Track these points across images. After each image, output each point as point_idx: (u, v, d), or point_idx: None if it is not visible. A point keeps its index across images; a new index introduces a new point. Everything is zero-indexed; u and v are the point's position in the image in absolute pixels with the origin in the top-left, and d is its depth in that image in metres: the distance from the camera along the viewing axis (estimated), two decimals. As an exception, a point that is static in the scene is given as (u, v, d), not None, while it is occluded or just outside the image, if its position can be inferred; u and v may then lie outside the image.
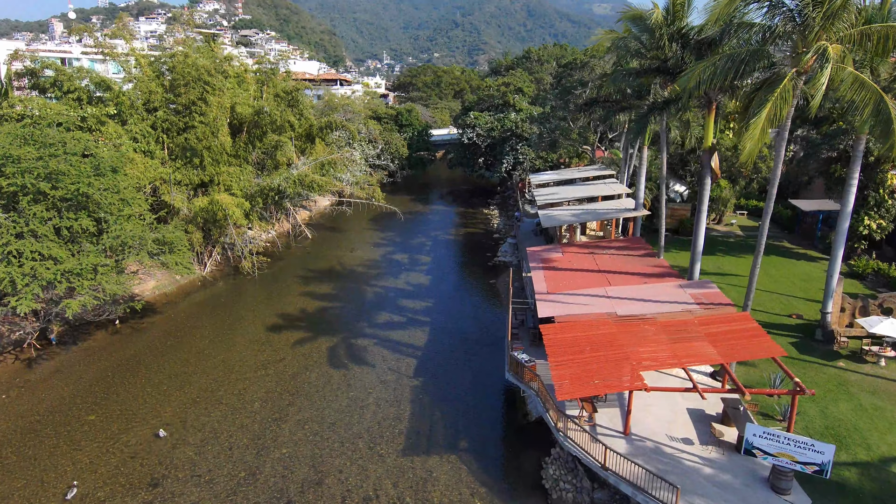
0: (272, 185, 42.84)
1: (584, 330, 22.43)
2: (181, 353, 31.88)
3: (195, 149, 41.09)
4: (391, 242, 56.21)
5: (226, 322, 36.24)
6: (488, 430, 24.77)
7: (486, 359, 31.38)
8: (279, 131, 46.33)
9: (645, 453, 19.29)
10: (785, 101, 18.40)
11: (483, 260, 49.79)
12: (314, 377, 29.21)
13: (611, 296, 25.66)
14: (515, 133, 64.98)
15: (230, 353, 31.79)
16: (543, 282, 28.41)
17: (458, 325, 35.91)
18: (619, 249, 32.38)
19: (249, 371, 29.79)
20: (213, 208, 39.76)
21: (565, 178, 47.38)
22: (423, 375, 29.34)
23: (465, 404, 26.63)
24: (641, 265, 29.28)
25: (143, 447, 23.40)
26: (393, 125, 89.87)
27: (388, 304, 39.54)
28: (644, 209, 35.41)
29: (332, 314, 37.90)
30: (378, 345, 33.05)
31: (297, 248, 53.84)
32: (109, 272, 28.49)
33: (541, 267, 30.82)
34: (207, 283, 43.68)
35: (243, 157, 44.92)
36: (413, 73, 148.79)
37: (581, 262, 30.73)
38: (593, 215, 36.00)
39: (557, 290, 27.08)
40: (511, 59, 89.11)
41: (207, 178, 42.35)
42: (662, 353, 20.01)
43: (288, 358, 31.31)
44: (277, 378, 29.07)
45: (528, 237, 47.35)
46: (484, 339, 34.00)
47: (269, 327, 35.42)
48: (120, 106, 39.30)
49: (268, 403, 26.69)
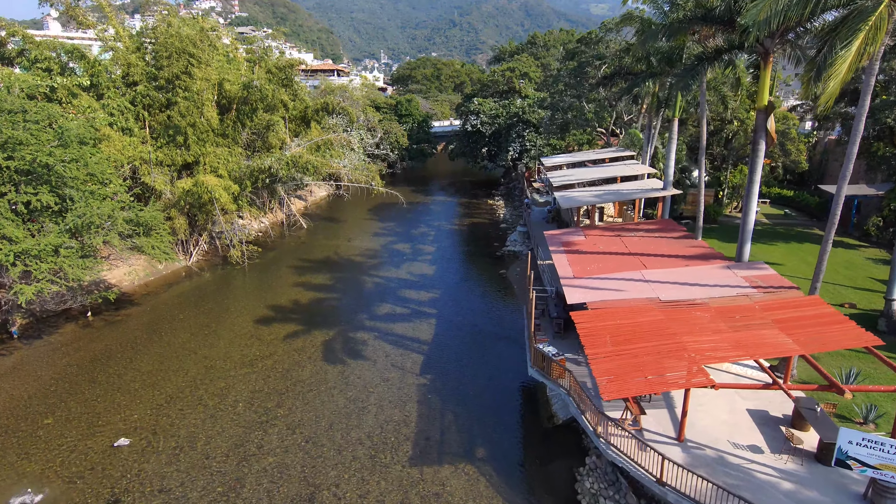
0: (263, 166, 39.35)
1: (624, 317, 19.02)
2: (158, 347, 28.38)
3: (178, 126, 37.59)
4: (391, 232, 52.75)
5: (211, 314, 32.74)
6: (509, 435, 21.34)
7: (502, 354, 27.97)
8: (271, 110, 42.85)
9: (707, 464, 15.87)
10: (878, 32, 15.02)
11: (491, 250, 46.38)
12: (307, 374, 25.74)
13: (649, 279, 22.26)
14: (522, 119, 61.51)
15: (213, 349, 28.31)
16: (568, 266, 24.99)
17: (468, 317, 32.48)
18: (648, 232, 28.99)
19: (234, 368, 26.31)
20: (198, 191, 36.27)
21: (580, 160, 43.98)
22: (431, 372, 25.91)
23: (481, 405, 23.20)
24: (679, 247, 25.89)
25: (105, 456, 19.89)
26: (392, 115, 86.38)
27: (390, 295, 36.09)
28: (673, 188, 32.01)
29: (328, 306, 34.44)
30: (379, 338, 29.61)
31: (290, 237, 50.37)
32: (73, 255, 24.96)
33: (562, 251, 27.40)
34: (193, 273, 40.18)
35: (232, 136, 41.42)
36: (412, 65, 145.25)
37: (608, 245, 27.33)
38: (616, 195, 32.59)
39: (585, 275, 23.69)
40: (515, 46, 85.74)
41: (192, 159, 38.84)
42: (724, 343, 16.59)
43: (278, 353, 27.84)
44: (266, 376, 25.60)
45: (540, 226, 43.93)
46: (498, 332, 30.59)
47: (259, 320, 31.94)
48: (95, 78, 35.77)
49: (253, 404, 23.21)
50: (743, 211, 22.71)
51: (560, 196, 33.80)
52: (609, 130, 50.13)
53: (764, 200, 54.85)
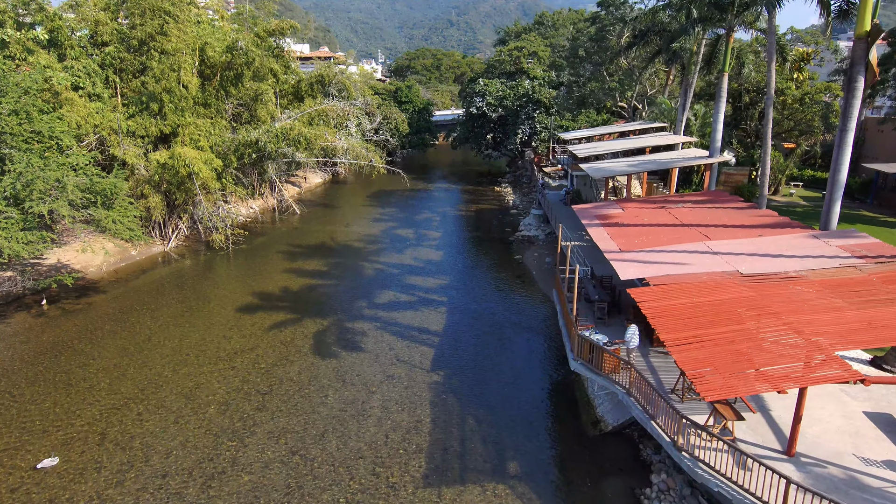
0: (249, 139, 34.96)
1: (701, 294, 14.74)
2: (120, 340, 23.99)
3: (153, 92, 33.20)
4: (392, 218, 48.40)
5: (186, 303, 28.36)
6: (546, 445, 17.05)
7: (526, 346, 23.68)
8: (259, 79, 38.46)
9: (836, 487, 11.61)
10: None
11: (503, 235, 42.08)
12: (296, 371, 21.40)
13: (717, 251, 17.99)
14: (532, 99, 57.22)
15: (186, 341, 23.93)
16: (610, 240, 20.70)
17: (483, 305, 28.18)
18: (698, 203, 24.72)
19: (209, 363, 21.95)
20: (175, 164, 31.89)
21: (604, 133, 39.71)
22: (444, 368, 21.60)
23: (508, 407, 18.89)
24: (744, 216, 21.63)
25: (34, 475, 15.52)
26: (392, 101, 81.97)
27: (393, 282, 31.76)
28: (723, 155, 27.76)
29: (322, 293, 30.09)
30: (381, 329, 25.29)
31: (282, 223, 46.00)
32: (13, 227, 20.57)
33: (598, 224, 23.12)
34: (171, 259, 35.78)
35: (215, 107, 37.00)
36: (411, 56, 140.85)
37: (654, 217, 23.06)
38: (656, 164, 28.32)
39: (633, 248, 19.41)
40: (522, 27, 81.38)
41: (169, 130, 34.42)
42: (855, 324, 12.33)
43: (262, 346, 23.49)
44: (246, 372, 21.25)
45: (559, 208, 39.67)
46: (518, 321, 26.29)
47: (242, 309, 27.59)
48: (56, 34, 31.34)
49: (228, 408, 18.86)
50: (832, 169, 18.45)
51: (589, 167, 29.51)
52: (631, 106, 45.93)
53: (797, 183, 50.74)
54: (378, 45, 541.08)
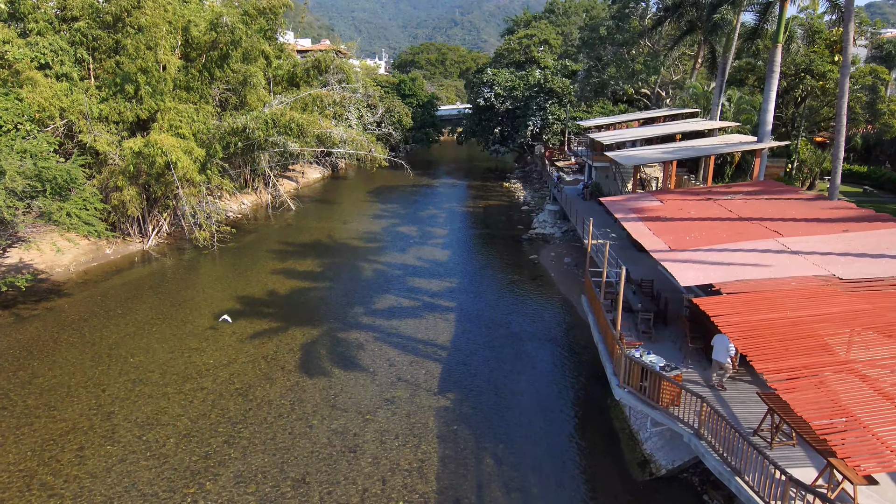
0: (236, 126, 31.51)
1: (798, 305, 11.24)
2: (75, 353, 20.57)
3: (127, 72, 29.81)
4: (395, 214, 44.93)
5: (160, 308, 24.94)
6: (582, 495, 13.53)
7: (550, 362, 20.16)
8: (248, 61, 35.01)
9: None
10: None
11: (515, 232, 38.57)
12: (277, 393, 17.93)
13: (796, 249, 14.45)
14: (544, 88, 53.61)
15: (152, 354, 20.50)
16: (654, 237, 17.18)
17: (497, 313, 24.68)
18: (751, 194, 21.16)
19: (174, 382, 18.51)
20: (151, 153, 28.47)
21: (627, 120, 36.16)
22: (454, 389, 18.10)
23: (533, 443, 15.38)
24: (814, 209, 18.07)
25: (-71, 535, 12.12)
26: (395, 94, 78.48)
27: (394, 285, 28.29)
28: (773, 140, 24.17)
29: (314, 297, 26.63)
30: (380, 341, 21.81)
31: (275, 220, 42.60)
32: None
33: (636, 218, 19.61)
34: (150, 258, 32.40)
35: (199, 91, 33.56)
36: (415, 50, 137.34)
37: (702, 210, 19.51)
38: (695, 151, 24.74)
39: (685, 246, 15.88)
40: (531, 16, 77.77)
41: (146, 115, 31.02)
42: None
43: (240, 361, 20.03)
44: (217, 394, 17.79)
45: (577, 204, 36.10)
46: (539, 332, 22.76)
47: (220, 315, 24.13)
48: (18, 5, 27.99)
49: (191, 441, 15.40)
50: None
51: (617, 155, 25.95)
52: (655, 94, 42.31)
53: (830, 178, 47.04)
54: (382, 45, 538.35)
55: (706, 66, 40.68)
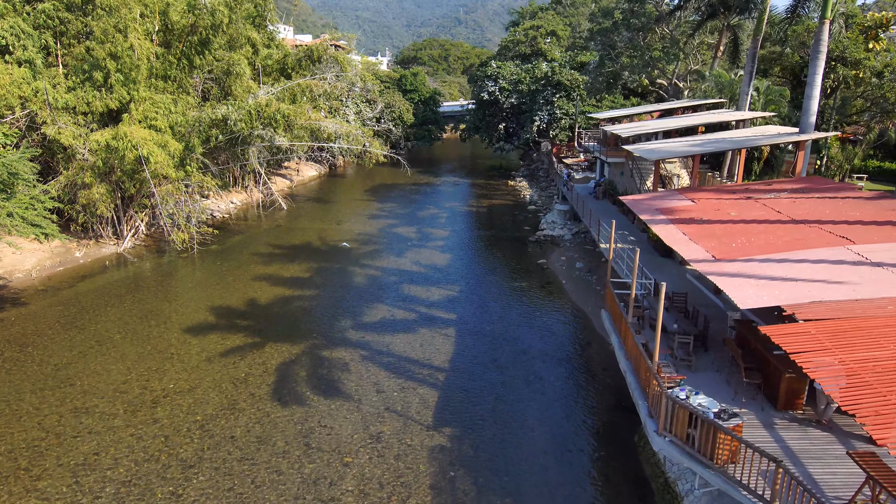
0: (215, 117, 28.77)
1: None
2: (16, 376, 17.85)
3: (96, 58, 27.13)
4: (393, 214, 42.15)
5: (122, 321, 22.22)
6: (614, 569, 10.70)
7: (564, 388, 17.34)
8: (233, 48, 32.27)
9: None
10: None
11: (521, 234, 35.74)
12: (243, 426, 15.16)
13: (878, 260, 11.59)
14: (551, 81, 50.70)
15: (105, 377, 17.78)
16: (692, 243, 14.33)
17: (502, 327, 21.86)
18: (798, 192, 18.25)
19: (125, 413, 15.77)
20: (120, 146, 25.78)
21: (644, 112, 33.26)
22: (452, 423, 15.30)
23: (549, 496, 12.56)
24: (881, 210, 15.18)
25: None
26: (395, 90, 75.60)
27: (387, 293, 25.51)
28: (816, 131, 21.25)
29: (297, 308, 23.85)
30: (368, 360, 19.03)
31: (265, 220, 39.89)
32: None
33: (666, 221, 16.76)
34: (124, 262, 29.72)
35: (177, 79, 30.83)
36: (418, 47, 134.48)
37: (743, 211, 16.64)
38: (729, 143, 21.85)
39: (733, 255, 13.02)
40: (537, 7, 74.71)
41: (117, 105, 28.31)
42: None
43: (204, 385, 17.28)
44: (173, 428, 15.05)
45: (590, 203, 33.20)
46: (552, 349, 19.94)
47: (191, 329, 21.42)
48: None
49: (133, 490, 12.66)
50: None
51: (639, 149, 23.10)
52: (672, 85, 39.35)
53: (861, 175, 44.03)
54: (386, 44, 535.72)
55: (727, 54, 37.77)
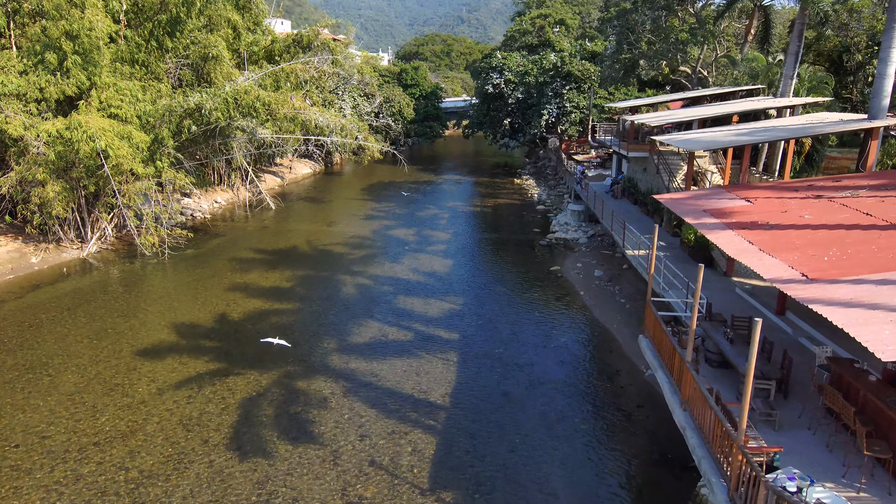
0: (188, 105, 25.49)
1: None
2: (-80, 413, 14.60)
3: (50, 37, 23.88)
4: (389, 215, 38.85)
5: (66, 342, 18.94)
6: None
7: (594, 436, 13.98)
8: (212, 30, 29.00)
9: None
10: None
11: (531, 238, 32.40)
12: (187, 487, 11.85)
13: None
14: (561, 73, 47.31)
15: (30, 414, 14.50)
16: (765, 255, 10.99)
17: (513, 350, 18.52)
18: (878, 189, 14.85)
19: (38, 468, 12.47)
20: (74, 137, 22.52)
21: (668, 100, 29.91)
22: (452, 485, 11.97)
23: None
24: None
25: None
26: (395, 84, 72.33)
27: (379, 307, 22.18)
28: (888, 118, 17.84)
29: (274, 325, 20.51)
30: (351, 394, 15.70)
31: (251, 221, 36.65)
32: None
33: (720, 225, 13.42)
34: (86, 268, 26.49)
35: (146, 63, 27.57)
36: (420, 42, 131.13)
37: (818, 214, 13.26)
38: (785, 132, 18.47)
39: (833, 274, 9.64)
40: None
41: (74, 91, 25.05)
42: None
43: (148, 428, 13.98)
44: (98, 489, 11.76)
45: (607, 203, 29.82)
46: (573, 381, 16.59)
47: (145, 352, 18.14)
48: None
49: (18, 592, 9.34)
50: None
51: (672, 139, 19.76)
52: (696, 74, 35.92)
53: None
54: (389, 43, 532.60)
55: (756, 40, 34.35)
